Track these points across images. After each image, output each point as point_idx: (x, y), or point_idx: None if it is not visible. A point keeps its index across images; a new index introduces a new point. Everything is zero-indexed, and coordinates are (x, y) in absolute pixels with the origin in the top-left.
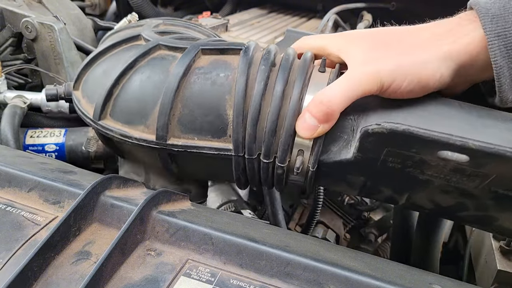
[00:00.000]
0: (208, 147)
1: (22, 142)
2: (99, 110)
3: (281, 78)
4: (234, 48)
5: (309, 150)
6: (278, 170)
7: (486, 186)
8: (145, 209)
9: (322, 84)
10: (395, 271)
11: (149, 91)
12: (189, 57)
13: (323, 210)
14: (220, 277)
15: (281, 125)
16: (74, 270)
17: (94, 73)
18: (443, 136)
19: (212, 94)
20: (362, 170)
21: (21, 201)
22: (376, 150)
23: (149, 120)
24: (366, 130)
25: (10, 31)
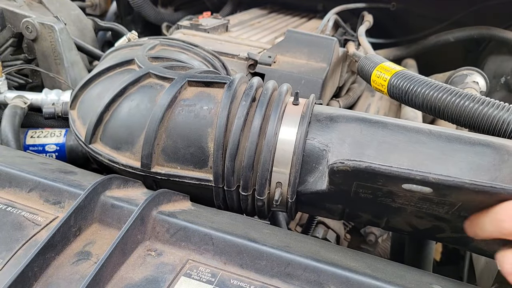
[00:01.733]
0: (190, 176)
1: (23, 142)
2: (90, 134)
3: (259, 113)
4: (219, 82)
5: (287, 182)
6: (258, 203)
7: (456, 211)
8: (146, 209)
9: (296, 116)
10: (396, 271)
11: (136, 119)
12: (175, 89)
13: None
14: (221, 277)
15: (258, 160)
16: (75, 270)
17: (89, 95)
18: (403, 172)
19: (195, 127)
20: (337, 200)
21: (22, 202)
22: (346, 183)
23: (135, 147)
24: (332, 168)
25: (11, 32)
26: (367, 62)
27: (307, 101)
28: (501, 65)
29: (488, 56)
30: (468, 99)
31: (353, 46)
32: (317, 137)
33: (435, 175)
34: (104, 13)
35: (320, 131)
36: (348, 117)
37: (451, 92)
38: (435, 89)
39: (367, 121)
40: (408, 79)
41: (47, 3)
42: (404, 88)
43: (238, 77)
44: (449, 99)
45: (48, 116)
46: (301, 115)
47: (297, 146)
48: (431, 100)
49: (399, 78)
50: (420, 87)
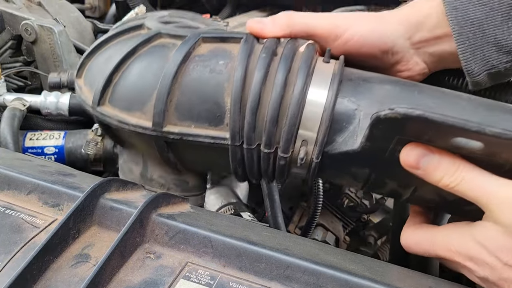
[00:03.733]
0: (204, 135)
1: (22, 145)
2: (98, 96)
3: (283, 66)
4: (235, 37)
5: (313, 141)
6: (280, 161)
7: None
8: (145, 212)
9: (328, 74)
10: (395, 274)
11: (148, 78)
12: (189, 45)
13: (322, 213)
14: (220, 280)
15: (283, 115)
16: (73, 273)
17: (97, 61)
18: (459, 122)
19: (210, 82)
20: (368, 161)
21: (20, 204)
22: (386, 138)
23: (147, 107)
24: (378, 116)
25: (10, 34)
26: None
27: (339, 60)
28: None
29: None
30: None
31: None
32: (349, 96)
33: (492, 128)
34: (103, 16)
35: (352, 90)
36: (382, 79)
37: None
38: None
39: (402, 84)
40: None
41: (46, 6)
42: None
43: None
44: None
45: (53, 85)
46: (332, 72)
47: (328, 103)
48: None
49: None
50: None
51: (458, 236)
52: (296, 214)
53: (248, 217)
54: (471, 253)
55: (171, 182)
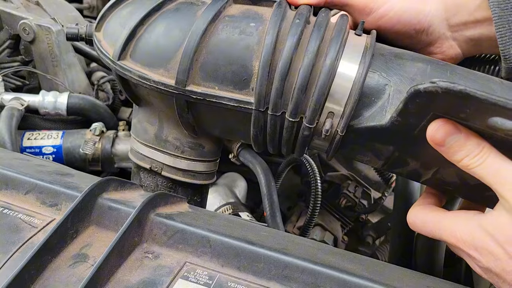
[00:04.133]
0: (228, 97)
1: (20, 144)
2: (120, 50)
3: (317, 34)
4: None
5: (340, 113)
6: (305, 132)
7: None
8: (143, 211)
9: (360, 47)
10: (393, 274)
11: (174, 34)
12: (220, 4)
13: (321, 213)
14: (218, 279)
15: (312, 84)
16: (71, 273)
17: (119, 15)
18: (500, 100)
19: (240, 43)
20: (394, 139)
21: (18, 204)
22: (420, 113)
23: (170, 64)
24: (417, 89)
25: (8, 33)
26: None
27: (371, 34)
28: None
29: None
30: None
31: None
32: (380, 71)
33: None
34: None
35: (384, 65)
36: (414, 56)
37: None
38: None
39: (435, 63)
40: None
41: (45, 5)
42: None
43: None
44: None
45: (70, 36)
46: (364, 45)
47: (359, 77)
48: None
49: None
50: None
51: (465, 222)
52: (294, 214)
53: (246, 217)
54: (476, 242)
55: (186, 145)
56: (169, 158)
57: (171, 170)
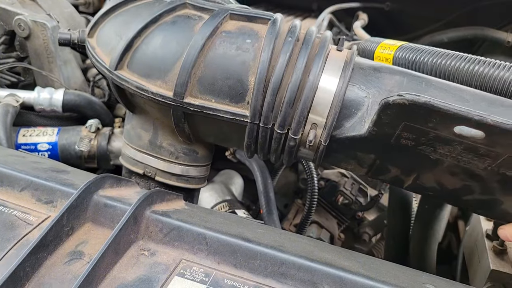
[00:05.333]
0: (225, 110)
1: (15, 141)
2: (117, 60)
3: (305, 52)
4: (262, 17)
5: (323, 124)
6: (290, 142)
7: (495, 167)
8: (139, 208)
9: (340, 62)
10: (389, 271)
11: (172, 47)
12: (217, 20)
13: (317, 210)
14: (214, 277)
15: (299, 97)
16: (67, 270)
17: (113, 22)
18: (462, 110)
19: (236, 59)
20: (374, 147)
21: (13, 201)
22: (393, 123)
23: (168, 76)
24: (387, 102)
25: (3, 29)
26: (368, 43)
27: (351, 50)
28: None
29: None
30: (478, 63)
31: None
32: (359, 84)
33: (493, 117)
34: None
35: (363, 79)
36: (392, 69)
37: (460, 58)
38: (443, 56)
39: (411, 75)
40: (414, 50)
41: (40, 1)
42: (411, 59)
43: (281, 16)
44: (459, 65)
45: (63, 42)
46: (345, 60)
47: (339, 89)
48: (439, 68)
49: (404, 50)
50: (428, 56)
51: None
52: (291, 211)
53: (243, 214)
54: None
55: (181, 151)
56: (163, 163)
57: (165, 175)
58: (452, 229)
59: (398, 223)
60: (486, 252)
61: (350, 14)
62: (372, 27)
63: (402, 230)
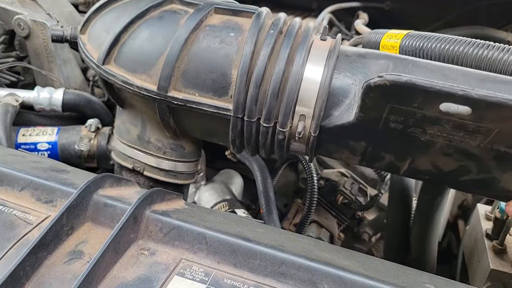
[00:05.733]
0: (208, 104)
1: (14, 141)
2: (104, 54)
3: (287, 43)
4: (247, 10)
5: (311, 115)
6: (279, 136)
7: (488, 144)
8: (139, 208)
9: (324, 51)
10: (389, 270)
11: (157, 41)
12: (202, 14)
13: (317, 210)
14: (214, 276)
15: (284, 89)
16: (67, 270)
17: (104, 19)
18: (445, 86)
19: (220, 52)
20: (364, 134)
21: (13, 200)
22: (378, 107)
23: (153, 70)
24: (369, 84)
25: (2, 29)
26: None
27: (335, 38)
28: None
29: None
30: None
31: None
32: (345, 71)
33: (478, 91)
34: None
35: (348, 66)
36: (377, 54)
37: (469, 43)
38: (451, 42)
39: (397, 59)
40: (420, 37)
41: (40, 0)
42: (418, 46)
43: (266, 10)
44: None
45: (55, 38)
46: (329, 49)
47: (324, 79)
48: (448, 53)
49: (411, 38)
50: (435, 42)
51: None
52: (291, 211)
53: (242, 213)
54: None
55: (168, 146)
56: (151, 158)
57: (153, 170)
58: (452, 229)
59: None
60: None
61: (350, 13)
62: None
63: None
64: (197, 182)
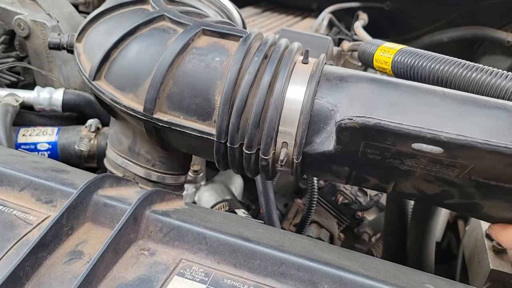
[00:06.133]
0: (192, 127)
1: (14, 141)
2: (95, 70)
3: (269, 70)
4: (234, 34)
5: (293, 142)
6: (262, 162)
7: (466, 175)
8: (139, 208)
9: (305, 75)
10: (389, 270)
11: (145, 61)
12: (189, 35)
13: (317, 210)
14: (214, 276)
15: (264, 118)
16: (67, 270)
17: (98, 30)
18: (413, 130)
19: (204, 77)
20: (344, 161)
21: (13, 200)
22: (354, 142)
23: (140, 90)
24: (340, 125)
25: (2, 29)
26: (368, 45)
27: (317, 60)
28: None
29: (481, 56)
30: (476, 70)
31: (348, 44)
32: (326, 97)
33: (446, 134)
34: None
35: (330, 91)
36: (359, 77)
37: (459, 64)
38: (441, 62)
39: (379, 82)
40: (413, 54)
41: (40, 1)
42: (410, 63)
43: (255, 33)
44: (457, 71)
45: (53, 46)
46: (310, 73)
47: (305, 105)
48: (437, 73)
49: (403, 55)
50: (426, 61)
51: None
52: (290, 211)
53: (242, 214)
54: None
55: (157, 159)
56: (140, 169)
57: (142, 181)
58: (452, 229)
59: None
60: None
61: (350, 13)
62: (372, 27)
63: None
64: (197, 182)
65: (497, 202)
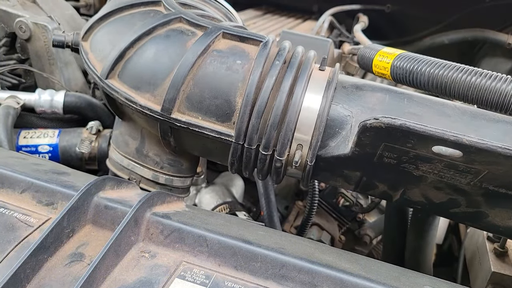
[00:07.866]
0: (210, 129)
1: (15, 143)
2: (108, 69)
3: (289, 74)
4: (254, 39)
5: (308, 145)
6: (276, 163)
7: (478, 182)
8: (139, 210)
9: (323, 82)
10: (390, 273)
11: (164, 62)
12: (210, 38)
13: (318, 212)
14: (215, 279)
15: (283, 120)
16: (67, 272)
17: (108, 29)
18: (437, 132)
19: (226, 79)
20: (358, 165)
21: (14, 203)
22: (374, 144)
23: (157, 91)
24: (364, 125)
25: (4, 31)
26: (368, 50)
27: (334, 68)
28: (495, 67)
29: (482, 58)
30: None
31: (348, 47)
32: (342, 103)
33: (469, 137)
34: None
35: (345, 97)
36: (374, 87)
37: (458, 69)
38: (440, 67)
39: (393, 92)
40: (411, 59)
41: (41, 3)
42: (409, 69)
43: (272, 38)
44: (456, 75)
45: (57, 43)
46: (327, 80)
47: (322, 110)
48: (437, 78)
49: (402, 60)
50: (425, 66)
51: None
52: (291, 213)
53: (243, 216)
54: None
55: (166, 162)
56: (148, 172)
57: (149, 183)
58: (453, 231)
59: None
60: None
61: (350, 16)
62: (373, 29)
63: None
64: (198, 185)
65: (503, 211)
